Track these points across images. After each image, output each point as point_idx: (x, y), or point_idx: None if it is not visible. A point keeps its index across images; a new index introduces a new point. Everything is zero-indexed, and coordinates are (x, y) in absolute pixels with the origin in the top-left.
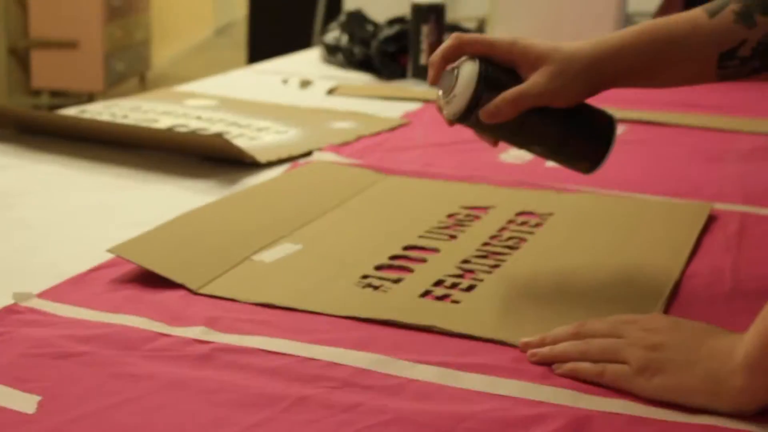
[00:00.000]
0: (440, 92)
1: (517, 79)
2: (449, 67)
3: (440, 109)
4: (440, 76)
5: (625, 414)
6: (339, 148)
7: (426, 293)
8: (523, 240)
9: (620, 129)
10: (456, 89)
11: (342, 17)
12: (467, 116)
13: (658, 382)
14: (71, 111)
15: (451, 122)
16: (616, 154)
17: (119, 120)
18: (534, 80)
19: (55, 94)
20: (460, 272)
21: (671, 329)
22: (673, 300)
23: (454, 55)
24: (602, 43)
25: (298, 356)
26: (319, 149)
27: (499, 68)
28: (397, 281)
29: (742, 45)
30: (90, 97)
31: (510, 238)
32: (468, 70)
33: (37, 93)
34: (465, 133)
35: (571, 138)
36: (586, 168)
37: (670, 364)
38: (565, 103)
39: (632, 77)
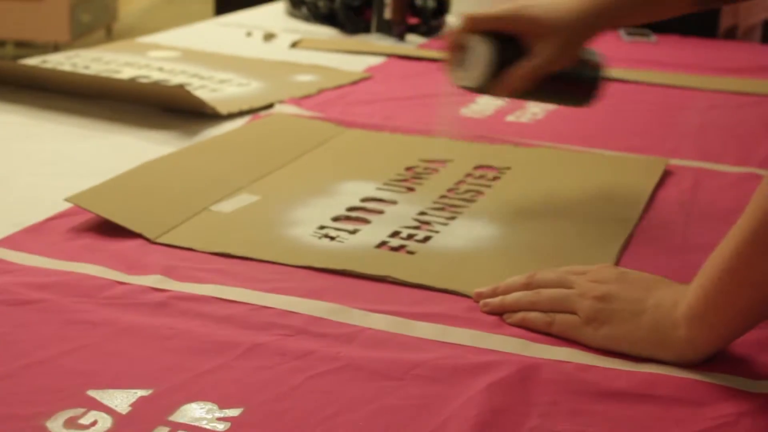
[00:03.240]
0: (452, 65)
1: (523, 50)
2: (460, 44)
3: (450, 75)
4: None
5: (572, 362)
6: (300, 101)
7: (382, 244)
8: (480, 193)
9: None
10: (473, 67)
11: None
12: (482, 90)
13: (605, 332)
14: (32, 61)
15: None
16: (576, 111)
17: (80, 70)
18: (544, 53)
19: (19, 44)
20: (416, 224)
21: (619, 280)
22: (625, 252)
23: (467, 35)
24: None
25: (253, 304)
26: (281, 102)
27: (507, 42)
28: (353, 232)
29: None
30: (56, 48)
31: (467, 191)
32: (481, 49)
33: (1, 44)
34: (426, 87)
35: (571, 88)
36: (583, 105)
37: (617, 315)
38: (569, 64)
39: (625, 23)
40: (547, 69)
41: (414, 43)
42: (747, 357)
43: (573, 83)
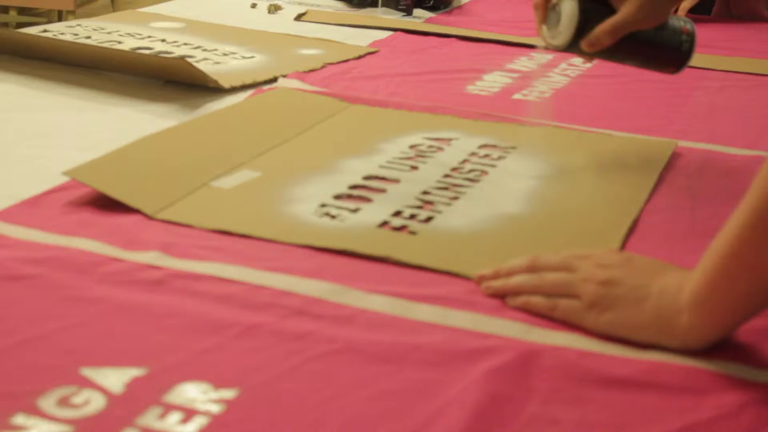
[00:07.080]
0: (544, 27)
1: (610, 7)
2: (550, 4)
3: (539, 34)
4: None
5: (574, 348)
6: (304, 75)
7: (383, 224)
8: (484, 173)
9: (589, 64)
10: (560, 25)
11: None
12: (571, 47)
13: (609, 318)
14: (33, 30)
15: (556, 50)
16: (584, 89)
17: (82, 41)
18: (628, 10)
19: (23, 11)
20: (419, 203)
21: (623, 265)
22: (630, 236)
23: None
24: None
25: (251, 284)
26: (284, 76)
27: (594, 2)
28: (355, 211)
29: None
30: (59, 15)
31: (471, 171)
32: (568, 7)
33: (4, 9)
34: (432, 63)
35: (656, 52)
36: (671, 71)
37: (621, 300)
38: (654, 24)
39: None
40: (631, 27)
41: (421, 17)
42: (752, 345)
43: (659, 47)
